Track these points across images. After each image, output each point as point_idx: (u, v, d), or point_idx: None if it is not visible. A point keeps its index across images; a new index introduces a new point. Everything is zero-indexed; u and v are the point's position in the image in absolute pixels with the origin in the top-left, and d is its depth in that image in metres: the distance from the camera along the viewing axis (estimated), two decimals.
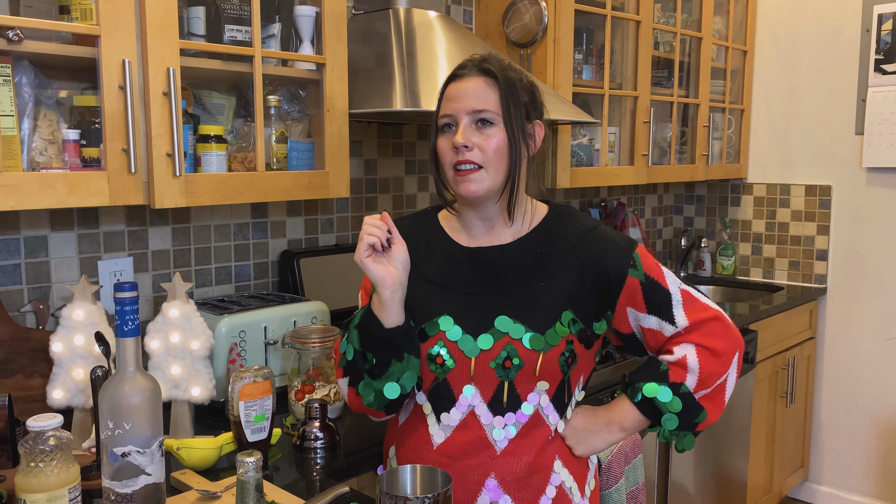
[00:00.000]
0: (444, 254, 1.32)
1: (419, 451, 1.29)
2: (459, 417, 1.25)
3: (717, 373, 1.27)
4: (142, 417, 1.01)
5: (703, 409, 1.28)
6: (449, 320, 1.26)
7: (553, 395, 1.27)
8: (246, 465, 0.90)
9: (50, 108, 1.48)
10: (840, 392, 3.20)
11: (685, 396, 1.26)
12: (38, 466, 1.00)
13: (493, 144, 1.21)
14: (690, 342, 1.27)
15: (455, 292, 1.28)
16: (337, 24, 1.73)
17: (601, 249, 1.27)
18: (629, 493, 1.83)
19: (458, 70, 1.26)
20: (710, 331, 1.27)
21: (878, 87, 2.95)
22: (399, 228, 1.33)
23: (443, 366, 1.25)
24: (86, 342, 1.42)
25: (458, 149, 1.21)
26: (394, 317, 1.22)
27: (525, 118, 1.25)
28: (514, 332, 1.23)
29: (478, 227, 1.31)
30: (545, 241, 1.30)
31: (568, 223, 1.32)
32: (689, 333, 1.27)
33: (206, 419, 1.62)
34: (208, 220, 1.91)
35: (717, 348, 1.26)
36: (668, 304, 1.27)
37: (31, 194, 1.29)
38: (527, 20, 2.35)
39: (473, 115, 1.22)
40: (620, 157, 2.72)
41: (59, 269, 1.66)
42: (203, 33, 1.58)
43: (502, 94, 1.22)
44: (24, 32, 1.31)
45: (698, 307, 1.28)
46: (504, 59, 1.28)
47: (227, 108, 1.74)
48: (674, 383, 1.26)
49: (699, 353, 1.26)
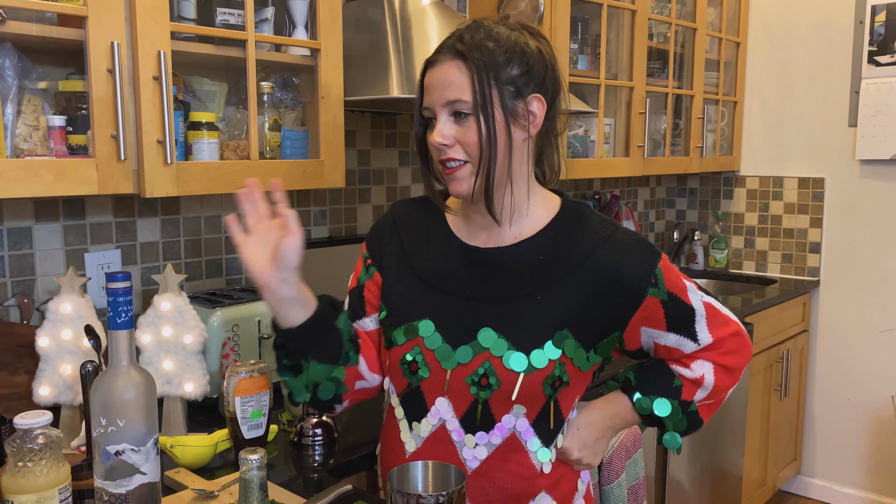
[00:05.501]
0: (441, 249, 1.20)
1: (394, 458, 1.20)
2: (430, 429, 1.15)
3: (727, 388, 1.22)
4: (136, 414, 0.95)
5: (702, 422, 1.23)
6: (430, 325, 1.15)
7: (534, 419, 1.13)
8: (249, 462, 0.85)
9: (34, 94, 1.42)
10: (833, 385, 3.20)
11: (692, 415, 1.21)
12: (26, 466, 0.95)
13: (473, 137, 1.07)
14: (709, 360, 1.19)
15: (444, 294, 1.16)
16: (332, 9, 1.68)
17: (617, 263, 1.12)
18: (630, 488, 1.80)
19: (434, 54, 1.12)
20: (729, 348, 1.19)
21: (871, 79, 2.94)
22: (401, 213, 1.26)
23: (416, 374, 1.15)
24: (73, 336, 1.37)
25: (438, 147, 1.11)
26: (285, 318, 1.09)
27: (514, 96, 1.08)
28: (496, 348, 1.10)
29: (478, 222, 1.19)
30: (551, 247, 1.15)
31: (580, 228, 1.16)
32: (710, 351, 1.19)
33: (199, 416, 1.57)
34: (198, 211, 1.86)
35: (733, 366, 1.20)
36: (690, 320, 1.16)
37: (15, 182, 1.23)
38: (522, 8, 2.31)
39: (448, 106, 1.09)
40: (616, 148, 2.69)
41: (45, 262, 1.60)
42: (193, 17, 1.52)
43: (474, 78, 1.06)
44: (7, 13, 1.25)
45: (720, 321, 1.19)
46: (488, 29, 1.10)
47: (219, 94, 1.68)
48: (685, 401, 1.20)
49: (716, 372, 1.19)
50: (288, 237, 1.03)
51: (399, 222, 1.25)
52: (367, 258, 1.26)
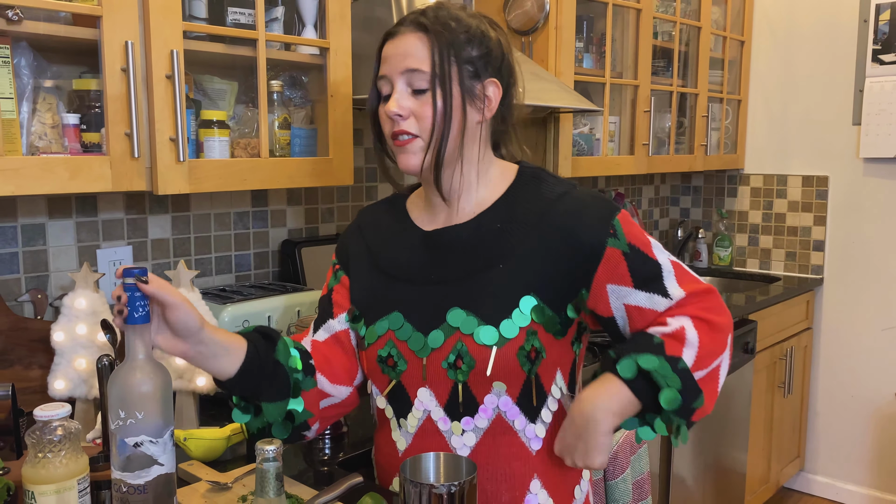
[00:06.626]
0: (403, 241, 1.19)
1: (388, 459, 1.20)
2: (417, 423, 1.13)
3: (715, 351, 1.08)
4: (154, 406, 0.97)
5: (701, 393, 1.06)
6: (399, 317, 1.13)
7: (518, 396, 1.10)
8: (266, 453, 0.87)
9: (49, 92, 1.44)
10: (836, 382, 3.21)
11: (684, 374, 1.04)
12: (46, 457, 0.97)
13: (428, 111, 1.06)
14: (686, 314, 1.08)
15: (410, 284, 1.14)
16: (341, 7, 1.70)
17: (574, 217, 1.09)
18: (635, 483, 1.82)
19: (394, 27, 1.11)
20: (707, 303, 1.10)
21: (875, 78, 2.96)
22: (364, 216, 1.27)
23: (395, 368, 1.13)
24: (88, 331, 1.39)
25: (392, 118, 1.08)
26: (218, 372, 1.05)
27: (472, 76, 1.08)
28: (466, 326, 1.08)
29: (437, 205, 1.17)
30: (508, 213, 1.12)
31: (534, 189, 1.13)
32: (685, 305, 1.09)
33: (210, 409, 1.59)
34: (208, 208, 1.88)
35: (715, 322, 1.09)
36: (657, 275, 1.09)
37: (31, 179, 1.26)
38: (528, 7, 2.33)
39: (408, 75, 1.07)
40: (620, 146, 2.71)
41: (58, 258, 1.62)
42: (205, 16, 1.54)
43: (434, 50, 1.06)
44: (22, 12, 1.27)
45: (690, 278, 1.12)
46: (452, 11, 1.10)
47: (229, 93, 1.70)
48: (671, 357, 1.04)
49: (697, 326, 1.07)
50: (168, 312, 0.97)
51: (363, 225, 1.26)
52: (335, 265, 1.26)
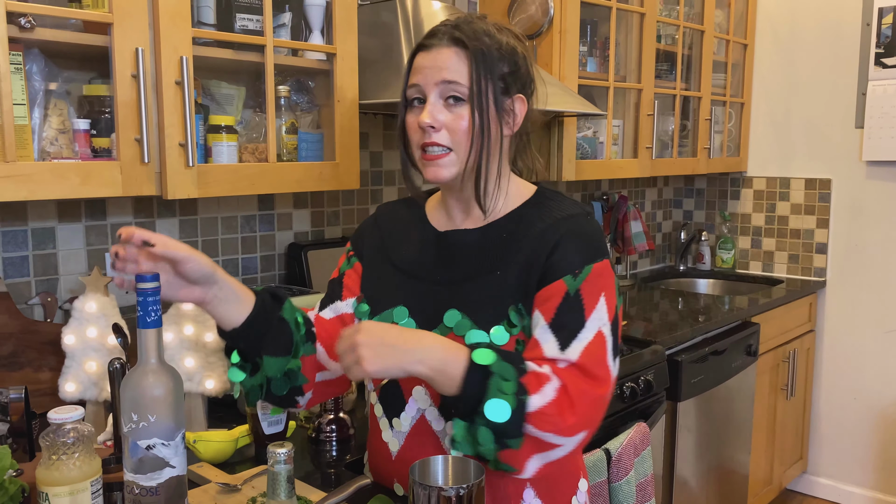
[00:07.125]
0: (418, 240, 1.21)
1: (380, 462, 1.20)
2: (409, 423, 1.14)
3: (556, 426, 0.99)
4: (166, 409, 0.99)
5: (521, 439, 0.99)
6: (403, 312, 1.15)
7: None
8: (277, 455, 0.88)
9: (60, 97, 1.46)
10: (839, 385, 3.22)
11: (520, 406, 0.98)
12: (59, 459, 0.99)
13: (463, 125, 1.07)
14: (560, 377, 1.02)
15: (419, 280, 1.16)
16: (347, 13, 1.71)
17: (564, 239, 1.09)
18: (639, 485, 1.83)
19: (427, 39, 1.11)
20: (583, 389, 1.02)
21: (878, 81, 2.96)
22: (383, 212, 1.29)
23: None
24: (98, 334, 1.40)
25: (424, 129, 1.09)
26: (226, 320, 1.07)
27: (503, 92, 1.10)
28: (459, 328, 1.09)
29: (455, 209, 1.19)
30: (516, 225, 1.14)
31: (547, 206, 1.15)
32: (567, 371, 1.03)
33: (218, 412, 1.61)
34: (215, 212, 1.89)
35: (577, 403, 1.01)
36: (573, 331, 1.05)
37: (43, 184, 1.27)
38: (532, 11, 2.34)
39: (443, 87, 1.07)
40: (624, 149, 2.72)
41: (67, 262, 1.64)
42: (213, 22, 1.55)
43: (472, 66, 1.07)
44: (35, 20, 1.28)
45: (599, 360, 1.04)
46: (482, 24, 1.11)
47: (237, 98, 1.72)
48: (523, 386, 0.99)
49: (559, 392, 1.01)
50: (180, 266, 1.00)
51: (380, 220, 1.29)
52: (349, 251, 1.29)
